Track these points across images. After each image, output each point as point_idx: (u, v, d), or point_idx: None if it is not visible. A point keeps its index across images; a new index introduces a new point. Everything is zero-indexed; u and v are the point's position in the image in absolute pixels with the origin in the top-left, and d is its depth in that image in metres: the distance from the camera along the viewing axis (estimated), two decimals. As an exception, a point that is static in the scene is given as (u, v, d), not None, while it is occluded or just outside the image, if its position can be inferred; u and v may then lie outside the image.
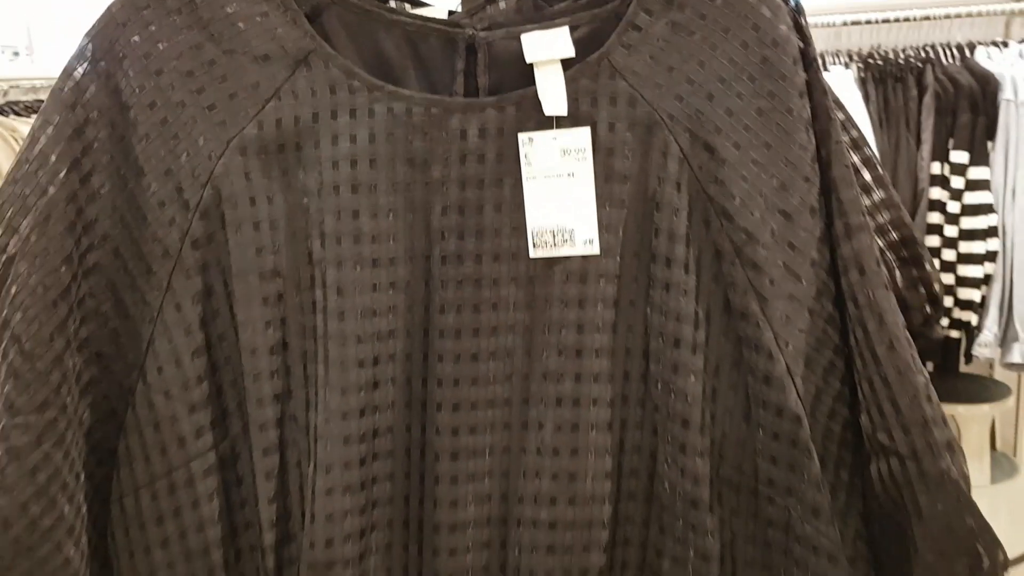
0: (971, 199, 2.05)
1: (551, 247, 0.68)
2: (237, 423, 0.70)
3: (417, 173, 0.67)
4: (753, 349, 0.66)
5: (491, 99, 0.67)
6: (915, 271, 0.77)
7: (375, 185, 0.67)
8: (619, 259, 0.68)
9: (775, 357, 0.66)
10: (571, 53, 0.66)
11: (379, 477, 0.69)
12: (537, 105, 0.66)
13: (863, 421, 0.66)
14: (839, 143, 0.66)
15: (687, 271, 0.67)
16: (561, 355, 0.69)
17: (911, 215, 1.92)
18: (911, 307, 0.78)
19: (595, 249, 0.68)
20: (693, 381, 0.67)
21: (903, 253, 0.77)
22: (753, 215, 0.65)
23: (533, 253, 0.68)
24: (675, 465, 0.69)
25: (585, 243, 0.68)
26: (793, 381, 0.66)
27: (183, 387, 0.67)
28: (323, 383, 0.67)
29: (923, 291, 0.77)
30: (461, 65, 0.69)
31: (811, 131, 0.66)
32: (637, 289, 0.69)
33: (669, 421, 0.68)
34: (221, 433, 0.69)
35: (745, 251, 0.66)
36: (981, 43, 2.17)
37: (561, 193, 0.67)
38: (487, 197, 0.67)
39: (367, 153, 0.66)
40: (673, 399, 0.68)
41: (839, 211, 0.66)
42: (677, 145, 0.66)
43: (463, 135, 0.67)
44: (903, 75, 2.09)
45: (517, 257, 0.68)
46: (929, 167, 2.06)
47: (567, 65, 0.66)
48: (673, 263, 0.67)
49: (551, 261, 0.68)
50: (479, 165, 0.67)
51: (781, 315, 0.66)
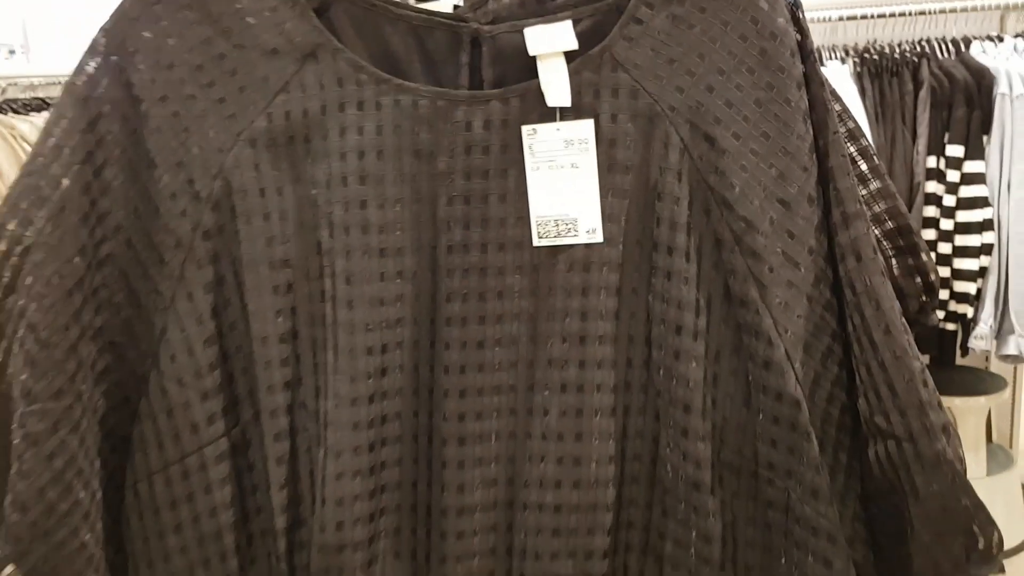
0: (966, 193, 2.06)
1: (555, 236, 0.69)
2: (248, 410, 0.71)
3: (423, 164, 0.68)
4: (753, 335, 0.68)
5: (496, 91, 0.69)
6: (911, 260, 0.79)
7: (382, 176, 0.68)
8: (621, 248, 0.70)
9: (774, 343, 0.67)
10: (574, 46, 0.67)
11: (388, 462, 0.71)
12: (540, 97, 0.67)
13: (861, 405, 0.68)
14: (836, 133, 0.68)
15: (688, 259, 0.68)
16: (565, 342, 0.70)
17: (907, 208, 1.93)
18: (907, 295, 0.79)
19: (598, 238, 0.69)
20: (694, 367, 0.69)
21: (899, 242, 0.79)
22: (752, 204, 0.67)
23: (537, 242, 0.69)
24: (677, 449, 0.70)
25: (588, 232, 0.69)
26: (792, 366, 0.67)
27: (195, 375, 0.69)
28: (332, 370, 0.69)
29: (919, 279, 0.79)
30: (466, 58, 0.70)
31: (809, 122, 0.68)
32: (639, 277, 0.70)
33: (671, 406, 0.70)
34: (232, 420, 0.71)
35: (745, 239, 0.67)
36: (976, 38, 2.18)
37: (564, 183, 0.68)
38: (492, 188, 0.69)
39: (374, 145, 0.68)
40: (675, 385, 0.70)
41: (836, 200, 0.67)
42: (678, 136, 0.68)
43: (468, 127, 0.68)
44: (899, 70, 2.10)
45: (522, 246, 0.70)
46: (925, 161, 2.07)
47: (570, 58, 0.68)
48: (674, 251, 0.69)
49: (555, 250, 0.69)
50: (484, 156, 0.68)
51: (780, 302, 0.67)
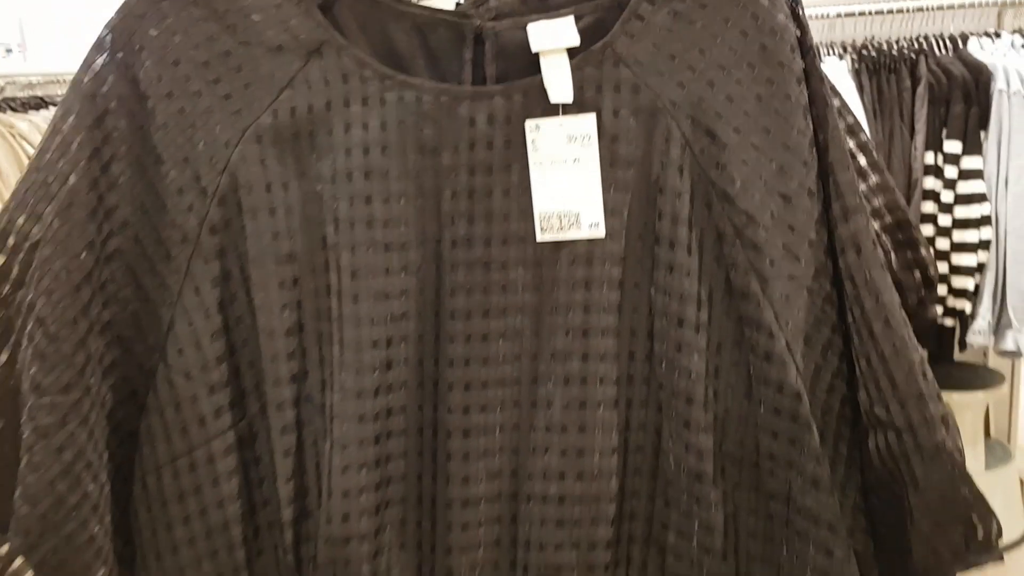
0: (964, 188, 2.07)
1: (558, 231, 0.70)
2: (255, 404, 0.72)
3: (427, 160, 0.69)
4: (754, 328, 0.69)
5: (499, 87, 0.69)
6: (910, 253, 0.79)
7: (387, 171, 0.69)
8: (624, 242, 0.70)
9: (775, 335, 0.68)
10: (576, 42, 0.68)
11: (393, 455, 0.72)
12: (543, 93, 0.68)
13: (861, 396, 0.69)
14: (836, 128, 0.69)
15: (690, 253, 0.69)
16: (568, 335, 0.71)
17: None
18: (906, 288, 0.80)
19: (600, 232, 0.70)
20: (696, 359, 0.70)
21: (898, 236, 0.80)
22: (753, 198, 0.68)
23: (540, 237, 0.70)
24: (679, 441, 0.71)
25: (591, 226, 0.70)
26: (793, 358, 0.68)
27: (202, 368, 0.69)
28: (338, 364, 0.69)
29: (917, 273, 0.80)
30: (469, 55, 0.71)
31: (809, 116, 0.68)
32: (641, 271, 0.71)
33: (673, 398, 0.71)
34: (239, 413, 0.71)
35: (746, 233, 0.68)
36: (973, 34, 2.19)
37: (567, 178, 0.69)
38: (495, 182, 0.69)
39: (379, 140, 0.68)
40: (677, 377, 0.70)
41: (836, 193, 0.68)
42: (679, 131, 0.68)
43: (472, 122, 0.69)
44: (897, 66, 2.11)
45: (525, 240, 0.70)
46: (923, 157, 2.08)
47: (572, 54, 0.68)
48: (676, 245, 0.69)
49: (558, 244, 0.70)
50: (487, 151, 0.69)
51: (781, 295, 0.68)
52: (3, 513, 0.69)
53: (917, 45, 2.14)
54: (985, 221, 2.07)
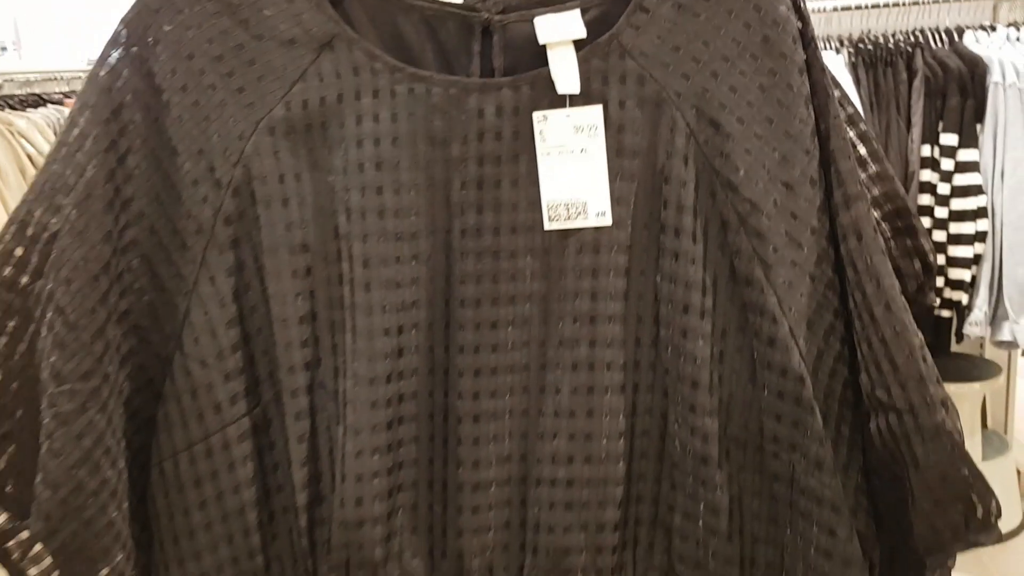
0: (961, 181, 2.08)
1: (565, 220, 0.71)
2: (269, 391, 0.73)
3: (437, 151, 0.70)
4: (758, 313, 0.70)
5: (507, 79, 0.70)
6: (909, 241, 0.81)
7: (398, 162, 0.70)
8: (630, 230, 0.72)
9: (779, 320, 0.69)
10: (583, 34, 0.69)
11: (405, 440, 0.73)
12: (551, 84, 0.69)
13: (862, 379, 0.70)
14: (837, 117, 0.70)
15: (695, 240, 0.71)
16: (576, 322, 0.72)
17: (902, 196, 1.95)
18: (905, 275, 0.81)
19: (607, 221, 0.71)
20: (701, 344, 0.71)
21: (897, 224, 0.81)
22: (757, 186, 0.69)
23: (548, 226, 0.71)
24: (685, 424, 0.72)
25: (597, 215, 0.71)
26: (796, 343, 0.70)
27: (218, 356, 0.71)
28: (351, 351, 0.71)
29: (917, 260, 0.81)
30: (477, 47, 0.72)
31: (810, 106, 0.70)
32: (647, 258, 0.72)
33: (679, 383, 0.72)
34: (254, 400, 0.73)
35: (749, 221, 0.69)
36: (969, 27, 2.21)
37: (574, 168, 0.71)
38: (504, 173, 0.71)
39: (390, 132, 0.70)
40: (683, 362, 0.72)
41: (838, 181, 0.70)
42: (684, 121, 0.70)
43: (480, 114, 0.70)
44: (893, 59, 2.13)
45: (533, 230, 0.72)
46: (919, 150, 2.10)
47: (579, 46, 0.70)
48: (681, 233, 0.71)
49: (565, 233, 0.72)
50: (496, 142, 0.70)
51: (784, 281, 0.69)
52: (23, 499, 0.70)
53: (913, 38, 2.16)
54: (981, 213, 2.08)
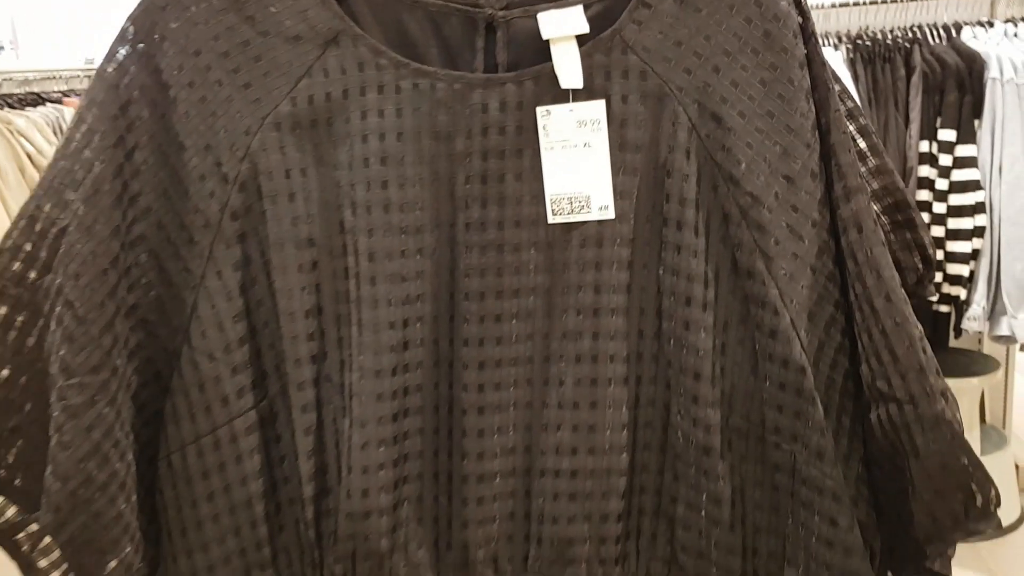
0: (959, 176, 2.09)
1: (568, 213, 0.72)
2: (275, 384, 0.74)
3: (442, 145, 0.71)
4: (759, 305, 0.71)
5: (510, 74, 0.71)
6: (908, 233, 0.82)
7: (403, 157, 0.71)
8: (633, 223, 0.72)
9: (780, 312, 0.70)
10: (585, 30, 0.70)
11: (410, 432, 0.74)
12: (554, 79, 0.70)
13: (863, 370, 0.71)
14: (837, 111, 0.71)
15: (697, 233, 0.71)
16: (579, 315, 0.73)
17: (901, 191, 1.96)
18: (905, 268, 0.82)
19: (610, 215, 0.72)
20: (704, 336, 0.72)
21: (897, 217, 0.82)
22: (758, 180, 0.70)
23: (551, 219, 0.72)
24: (688, 416, 0.73)
25: (600, 209, 0.72)
26: (797, 334, 0.70)
27: (225, 350, 0.71)
28: (357, 344, 0.71)
29: (916, 252, 0.82)
30: (481, 43, 0.72)
31: (811, 100, 0.71)
32: (650, 251, 0.73)
33: (681, 374, 0.73)
34: (260, 393, 0.73)
35: (751, 214, 0.70)
36: (967, 23, 2.21)
37: (577, 162, 0.71)
38: (508, 167, 0.72)
39: (395, 127, 0.70)
40: (685, 354, 0.73)
41: (838, 174, 0.70)
42: (686, 115, 0.71)
43: (485, 109, 0.71)
44: (891, 55, 2.13)
45: (537, 223, 0.72)
46: (917, 145, 2.10)
47: (581, 41, 0.70)
48: (683, 226, 0.72)
49: (569, 226, 0.72)
50: (500, 137, 0.71)
51: (785, 273, 0.70)
52: (32, 492, 0.71)
53: (911, 35, 2.17)
54: (979, 208, 2.09)
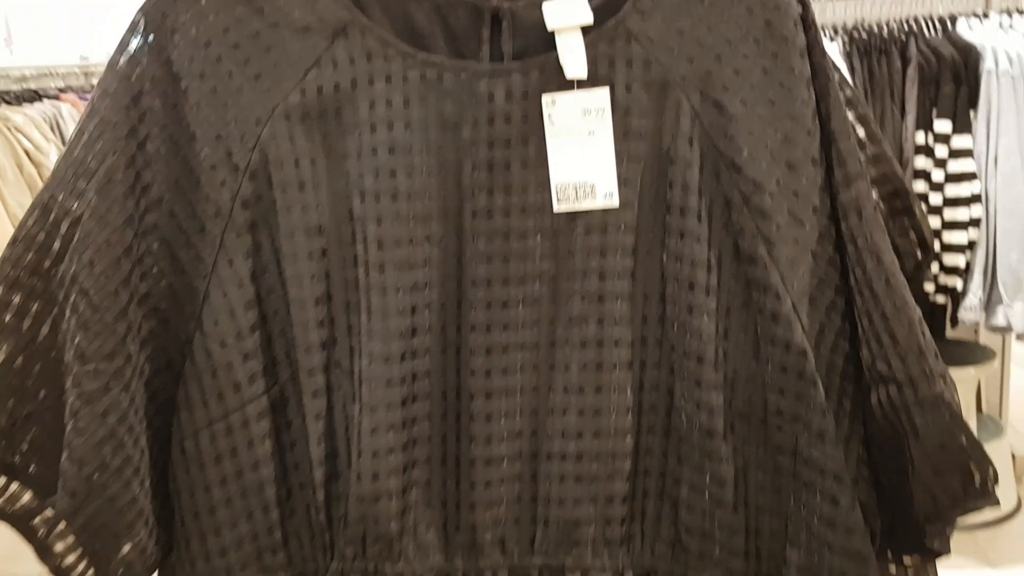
0: (955, 167, 2.11)
1: (574, 201, 0.73)
2: (285, 371, 0.75)
3: (449, 135, 0.72)
4: (761, 290, 0.72)
5: (516, 64, 0.72)
6: (906, 220, 0.83)
7: (410, 147, 0.72)
8: (637, 210, 0.74)
9: (782, 297, 0.71)
10: (590, 20, 0.71)
11: (419, 417, 0.75)
12: (559, 69, 0.71)
13: (863, 353, 0.72)
14: (837, 99, 0.72)
15: (700, 220, 0.73)
16: (585, 301, 0.74)
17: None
18: (903, 254, 0.83)
19: (615, 202, 0.73)
20: (707, 321, 0.73)
21: (895, 203, 0.83)
22: (760, 166, 0.71)
23: (557, 207, 0.73)
24: (691, 399, 0.75)
25: (605, 196, 0.73)
26: (799, 318, 0.72)
27: (237, 337, 0.72)
28: (366, 331, 0.73)
29: (914, 238, 0.83)
30: (487, 33, 0.73)
31: (811, 88, 0.72)
32: (653, 238, 0.74)
33: (685, 359, 0.74)
34: (271, 380, 0.75)
35: (753, 200, 0.71)
36: (962, 15, 2.23)
37: (582, 150, 0.72)
38: (514, 155, 0.73)
39: (402, 117, 0.72)
40: (688, 338, 0.74)
41: (839, 161, 0.72)
42: (689, 104, 0.72)
43: (491, 98, 0.72)
44: (887, 47, 2.15)
45: (542, 211, 0.73)
46: (913, 137, 2.12)
47: (586, 31, 0.71)
48: (687, 213, 0.73)
49: (574, 214, 0.73)
50: (506, 126, 0.72)
51: (787, 258, 0.72)
52: (46, 479, 0.72)
53: (907, 27, 2.18)
54: (975, 199, 2.11)
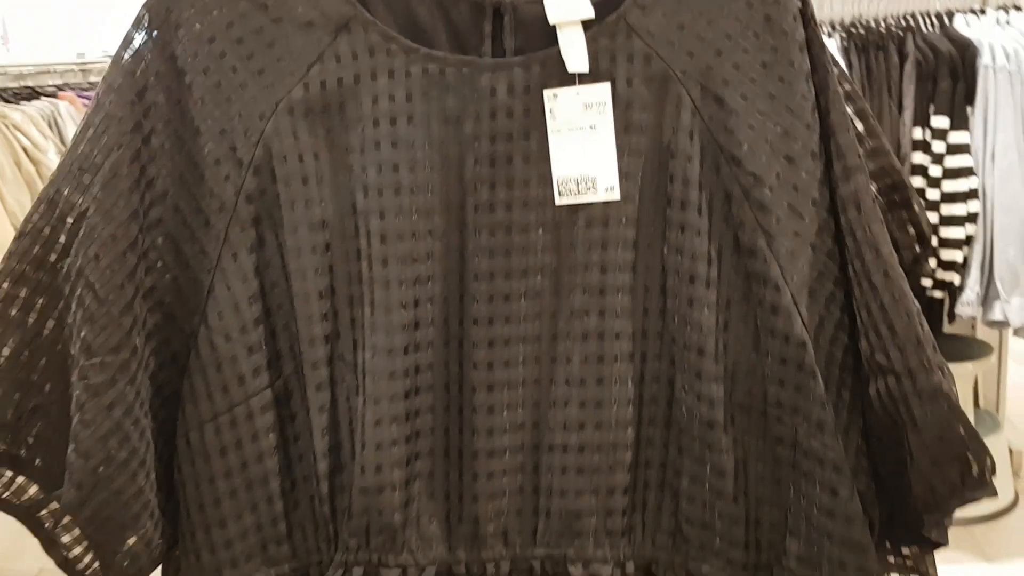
0: (952, 163, 2.12)
1: (575, 194, 0.74)
2: (289, 364, 0.76)
3: (451, 129, 0.73)
4: (761, 283, 0.73)
5: (518, 59, 0.73)
6: (905, 213, 0.84)
7: (413, 141, 0.72)
8: (637, 204, 0.74)
9: (781, 289, 0.72)
10: (591, 15, 0.72)
11: (421, 410, 0.76)
12: (560, 63, 0.72)
13: (862, 344, 0.73)
14: (836, 92, 0.73)
15: (700, 213, 0.73)
16: (586, 294, 0.75)
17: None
18: (901, 247, 0.84)
19: (616, 195, 0.74)
20: (707, 313, 0.74)
21: (894, 197, 0.84)
22: (760, 160, 0.72)
23: (559, 200, 0.74)
24: (692, 391, 0.75)
25: (606, 190, 0.74)
26: (798, 310, 0.72)
27: (241, 330, 0.73)
28: (369, 324, 0.73)
29: (912, 231, 0.84)
30: (489, 28, 0.74)
31: (811, 82, 0.73)
32: (654, 231, 0.75)
33: (686, 351, 0.75)
34: (275, 373, 0.75)
35: (753, 193, 0.72)
36: (959, 11, 2.24)
37: (584, 144, 0.73)
38: (516, 150, 0.73)
39: (405, 111, 0.72)
40: (689, 331, 0.75)
41: (838, 154, 0.72)
42: (689, 98, 0.73)
43: (493, 93, 0.72)
44: (885, 43, 2.16)
45: (544, 204, 0.74)
46: (911, 133, 2.13)
47: (587, 26, 0.72)
48: (687, 206, 0.73)
49: (575, 207, 0.74)
50: (508, 120, 0.73)
51: (786, 251, 0.72)
52: (52, 472, 0.73)
53: (904, 22, 2.19)
54: (972, 195, 2.12)
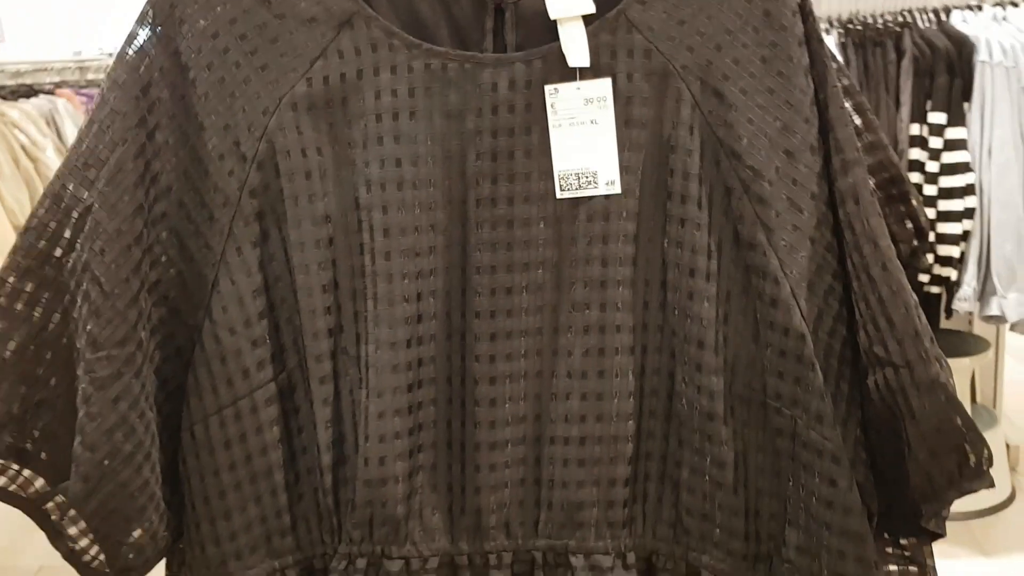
0: (949, 158, 2.12)
1: (576, 189, 0.74)
2: (293, 358, 0.76)
3: (453, 124, 0.73)
4: (760, 276, 0.74)
5: (519, 54, 0.73)
6: (903, 206, 0.84)
7: (415, 136, 0.73)
8: (638, 198, 0.75)
9: (780, 282, 0.73)
10: (592, 10, 0.72)
11: (424, 402, 0.76)
12: (561, 59, 0.72)
13: (860, 337, 0.74)
14: (835, 87, 0.73)
15: (700, 207, 0.74)
16: (587, 287, 0.76)
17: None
18: (899, 240, 0.85)
19: (616, 190, 0.74)
20: (707, 306, 0.75)
21: (891, 191, 0.85)
22: (759, 154, 0.72)
23: (560, 195, 0.75)
24: (692, 383, 0.76)
25: (607, 184, 0.74)
26: (797, 303, 0.73)
27: (245, 324, 0.74)
28: (372, 317, 0.74)
29: (910, 225, 0.85)
30: (490, 24, 0.74)
31: (809, 77, 0.73)
32: (655, 225, 0.76)
33: (686, 343, 0.76)
34: (279, 366, 0.76)
35: (752, 187, 0.73)
36: (956, 7, 2.24)
37: (585, 139, 0.74)
38: (517, 144, 0.74)
39: (407, 106, 0.73)
40: (689, 323, 0.75)
41: (836, 148, 0.73)
42: (689, 92, 0.73)
43: (494, 88, 0.73)
44: (882, 40, 2.16)
45: (545, 199, 0.75)
46: (908, 128, 2.14)
47: (588, 21, 0.72)
48: (687, 200, 0.74)
49: (576, 201, 0.75)
50: (509, 115, 0.73)
51: (785, 244, 0.73)
52: (58, 465, 0.73)
53: (901, 18, 2.20)
54: (969, 190, 2.12)
